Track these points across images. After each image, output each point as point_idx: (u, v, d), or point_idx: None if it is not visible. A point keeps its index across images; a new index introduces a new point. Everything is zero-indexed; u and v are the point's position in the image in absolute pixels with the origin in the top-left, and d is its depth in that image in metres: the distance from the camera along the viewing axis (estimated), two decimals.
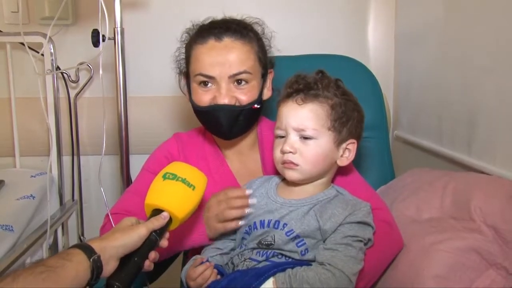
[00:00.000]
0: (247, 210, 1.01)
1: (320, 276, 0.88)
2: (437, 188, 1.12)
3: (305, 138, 0.99)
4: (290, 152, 0.99)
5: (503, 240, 0.92)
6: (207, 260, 1.01)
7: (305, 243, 0.96)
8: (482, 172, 1.13)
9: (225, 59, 1.07)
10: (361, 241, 0.95)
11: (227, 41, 1.08)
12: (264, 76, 1.15)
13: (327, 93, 1.01)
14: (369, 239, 0.98)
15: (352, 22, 1.75)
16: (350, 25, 1.75)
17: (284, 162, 1.01)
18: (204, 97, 1.10)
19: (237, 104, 1.09)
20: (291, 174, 1.01)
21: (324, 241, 0.96)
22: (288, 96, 1.03)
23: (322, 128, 0.99)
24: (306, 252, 0.95)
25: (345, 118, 1.01)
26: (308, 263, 0.94)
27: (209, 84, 1.09)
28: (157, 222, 0.86)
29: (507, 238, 0.92)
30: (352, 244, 0.93)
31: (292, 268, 0.92)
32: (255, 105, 1.10)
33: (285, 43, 1.58)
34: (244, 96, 1.09)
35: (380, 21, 1.74)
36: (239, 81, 1.09)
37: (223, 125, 1.10)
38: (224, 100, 1.08)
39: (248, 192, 1.01)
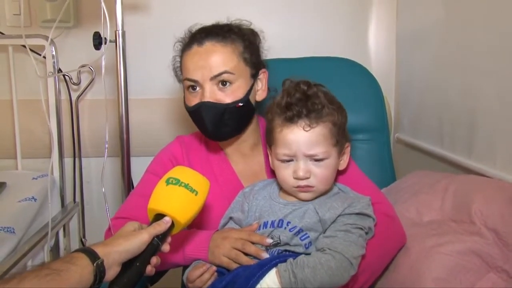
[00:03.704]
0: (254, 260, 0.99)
1: (320, 259, 0.90)
2: (437, 190, 1.12)
3: (317, 160, 1.00)
4: (306, 178, 1.00)
5: (504, 243, 0.92)
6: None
7: (308, 237, 0.97)
8: (483, 175, 1.13)
9: (206, 62, 1.09)
10: (361, 229, 0.96)
11: (208, 45, 1.11)
12: (254, 76, 1.16)
13: (326, 110, 1.01)
14: (370, 228, 0.99)
15: (354, 24, 1.75)
16: (351, 28, 1.75)
17: (299, 186, 1.01)
18: (192, 101, 1.13)
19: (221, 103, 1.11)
20: (306, 196, 1.02)
21: (324, 232, 0.97)
22: (289, 120, 1.00)
23: (329, 146, 1.01)
24: (309, 246, 0.97)
25: (342, 128, 1.03)
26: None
27: (197, 88, 1.12)
28: (159, 227, 0.86)
29: (508, 241, 0.92)
30: (352, 231, 0.95)
31: (294, 258, 0.93)
32: (239, 104, 1.11)
33: (286, 45, 1.60)
34: (227, 97, 1.10)
35: (381, 24, 1.75)
36: (223, 83, 1.10)
37: (207, 124, 1.11)
38: (207, 100, 1.10)
39: (268, 241, 0.99)
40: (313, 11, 1.73)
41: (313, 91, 1.03)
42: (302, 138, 0.99)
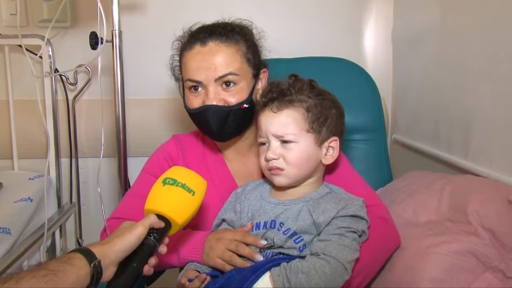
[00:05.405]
0: (248, 263, 0.99)
1: (315, 264, 0.90)
2: (434, 191, 1.12)
3: (286, 142, 1.01)
4: (274, 158, 1.01)
5: (500, 243, 0.92)
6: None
7: (302, 239, 0.97)
8: (479, 176, 1.13)
9: (210, 63, 1.08)
10: (355, 232, 0.96)
11: (212, 45, 1.09)
12: (256, 76, 1.16)
13: (301, 96, 1.02)
14: (363, 231, 0.99)
15: (351, 25, 1.75)
16: (349, 29, 1.75)
17: (270, 169, 1.02)
18: (195, 101, 1.12)
19: (225, 105, 1.10)
20: (279, 180, 1.02)
21: (318, 235, 0.97)
22: (264, 105, 1.04)
23: (301, 131, 1.01)
24: (304, 248, 0.97)
25: (322, 118, 1.02)
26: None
27: (199, 89, 1.11)
28: (154, 219, 0.86)
29: (504, 241, 0.92)
30: (345, 234, 0.94)
31: (288, 262, 0.93)
32: (244, 105, 1.11)
33: (285, 45, 1.59)
34: (232, 98, 1.10)
35: (378, 25, 1.75)
36: (227, 83, 1.09)
37: (213, 126, 1.10)
38: (212, 102, 1.09)
39: (262, 242, 0.99)
40: (311, 12, 1.73)
41: (298, 83, 1.04)
42: (270, 119, 1.02)
